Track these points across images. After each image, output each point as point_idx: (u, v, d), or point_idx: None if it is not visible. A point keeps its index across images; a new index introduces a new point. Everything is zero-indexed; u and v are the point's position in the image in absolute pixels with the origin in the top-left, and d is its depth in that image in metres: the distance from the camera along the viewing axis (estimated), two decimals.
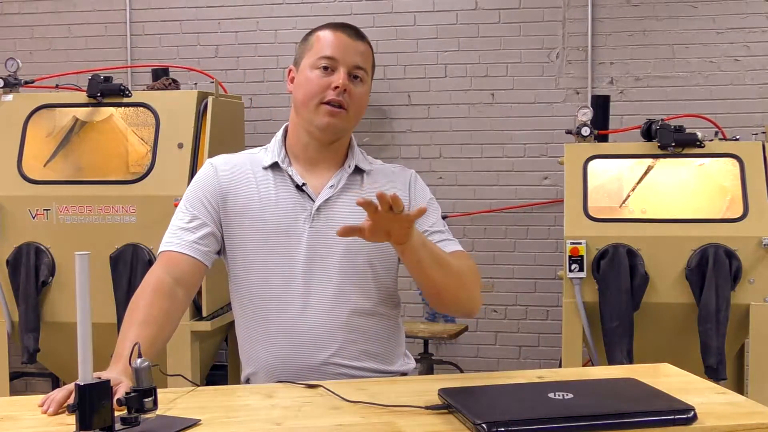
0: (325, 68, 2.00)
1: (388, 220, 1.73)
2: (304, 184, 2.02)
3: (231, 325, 4.12)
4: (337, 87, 1.98)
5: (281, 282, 1.99)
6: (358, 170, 2.08)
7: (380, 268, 2.05)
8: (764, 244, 3.57)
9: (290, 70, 2.10)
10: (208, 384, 3.00)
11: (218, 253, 2.06)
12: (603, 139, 4.11)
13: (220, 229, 2.04)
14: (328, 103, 1.99)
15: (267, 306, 2.00)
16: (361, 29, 2.11)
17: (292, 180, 2.03)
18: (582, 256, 3.66)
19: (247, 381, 2.07)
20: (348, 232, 1.77)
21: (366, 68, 2.05)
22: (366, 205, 1.69)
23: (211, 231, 2.02)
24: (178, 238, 2.00)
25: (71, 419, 1.49)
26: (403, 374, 2.10)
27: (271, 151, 2.08)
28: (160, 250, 2.02)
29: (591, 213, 3.76)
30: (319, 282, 1.99)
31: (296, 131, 2.08)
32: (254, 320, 2.02)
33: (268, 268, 2.00)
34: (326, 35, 2.03)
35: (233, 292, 2.09)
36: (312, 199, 2.02)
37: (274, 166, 2.05)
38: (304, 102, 2.02)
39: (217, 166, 2.08)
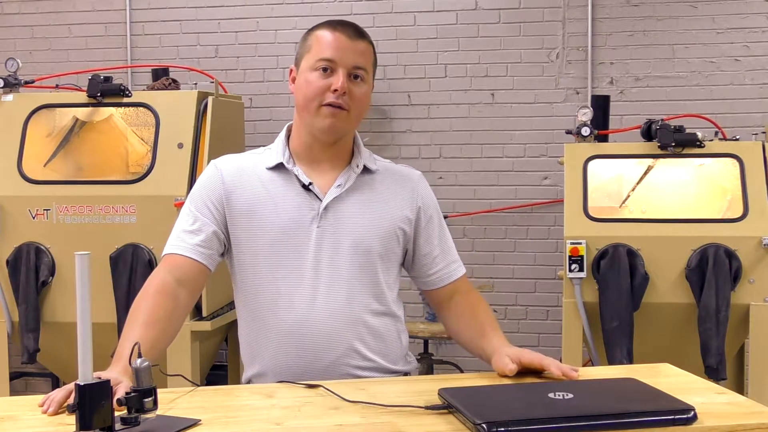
0: (324, 69, 1.98)
1: None
2: (310, 184, 2.02)
3: (231, 325, 4.14)
4: (336, 90, 1.97)
5: (290, 282, 1.99)
6: (366, 170, 2.08)
7: (387, 268, 2.05)
8: (764, 244, 3.57)
9: (291, 70, 2.10)
10: (208, 384, 2.99)
11: (222, 255, 2.06)
12: (603, 139, 4.10)
13: (225, 231, 2.03)
14: (328, 104, 1.98)
15: (276, 307, 1.99)
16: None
17: (298, 179, 2.03)
18: (582, 256, 3.66)
19: (248, 382, 2.06)
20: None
21: (366, 67, 2.03)
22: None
23: (215, 234, 2.02)
24: (182, 241, 2.00)
25: (71, 419, 1.49)
26: (406, 374, 2.11)
27: (275, 152, 2.07)
28: (163, 252, 2.02)
29: (591, 213, 3.76)
30: (328, 282, 1.99)
31: (299, 132, 2.07)
32: (262, 321, 2.02)
33: (276, 269, 1.99)
34: (324, 36, 2.01)
35: (238, 293, 2.08)
36: (319, 199, 2.02)
37: (279, 167, 2.05)
38: (305, 105, 2.01)
39: (221, 168, 2.07)
